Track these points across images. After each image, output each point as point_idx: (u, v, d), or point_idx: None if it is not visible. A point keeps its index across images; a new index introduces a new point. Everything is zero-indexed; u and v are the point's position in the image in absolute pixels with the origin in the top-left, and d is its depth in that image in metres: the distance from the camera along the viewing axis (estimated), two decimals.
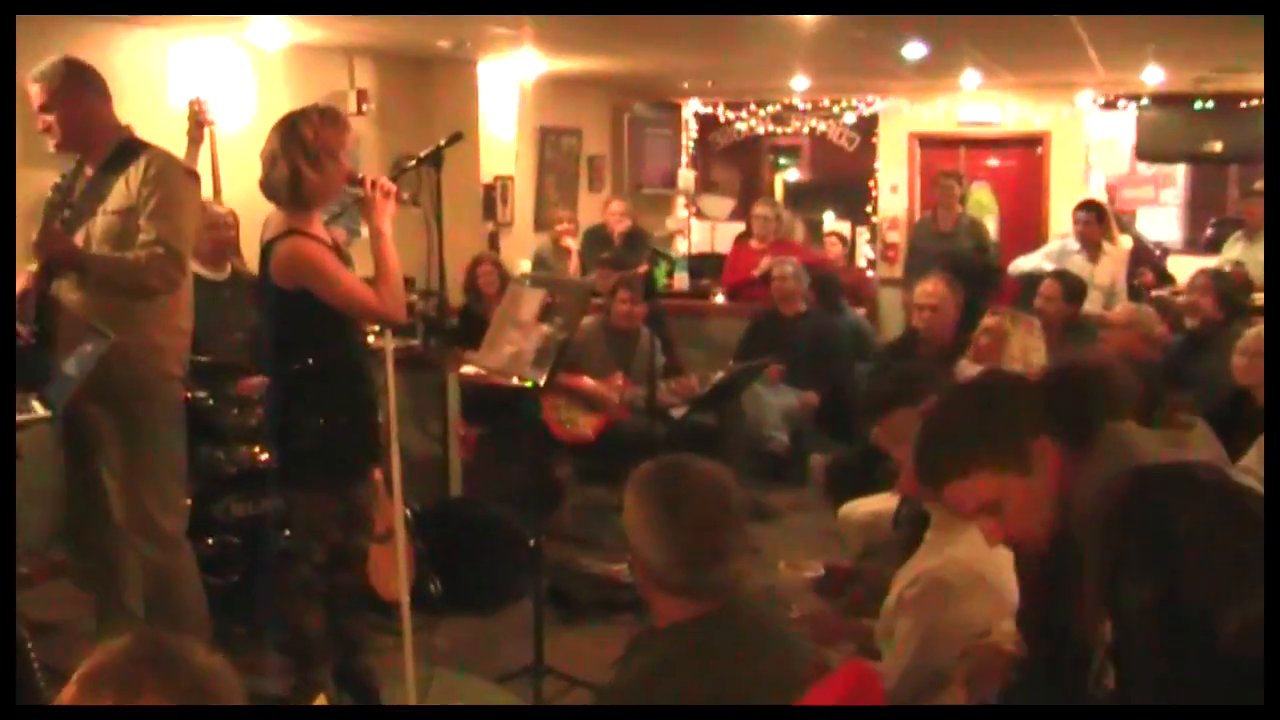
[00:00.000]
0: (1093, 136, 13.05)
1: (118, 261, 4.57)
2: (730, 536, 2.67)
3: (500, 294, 7.12)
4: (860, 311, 10.19)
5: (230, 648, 5.26)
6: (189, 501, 5.17)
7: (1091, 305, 8.09)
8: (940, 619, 3.37)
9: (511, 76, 10.66)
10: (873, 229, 13.72)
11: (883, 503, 5.38)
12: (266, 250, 4.47)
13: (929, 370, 5.13)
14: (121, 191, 4.65)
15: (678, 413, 7.72)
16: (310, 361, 4.52)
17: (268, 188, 4.49)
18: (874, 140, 13.82)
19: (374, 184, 4.58)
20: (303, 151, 4.40)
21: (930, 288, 7.01)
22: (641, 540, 2.69)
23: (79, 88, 4.69)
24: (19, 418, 4.52)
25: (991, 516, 2.66)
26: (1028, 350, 5.99)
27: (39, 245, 4.56)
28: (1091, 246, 9.10)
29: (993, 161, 13.78)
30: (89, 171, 4.75)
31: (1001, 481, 2.61)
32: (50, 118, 4.67)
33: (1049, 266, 8.97)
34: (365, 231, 4.78)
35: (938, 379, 4.75)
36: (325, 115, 4.53)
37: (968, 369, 5.63)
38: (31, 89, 4.68)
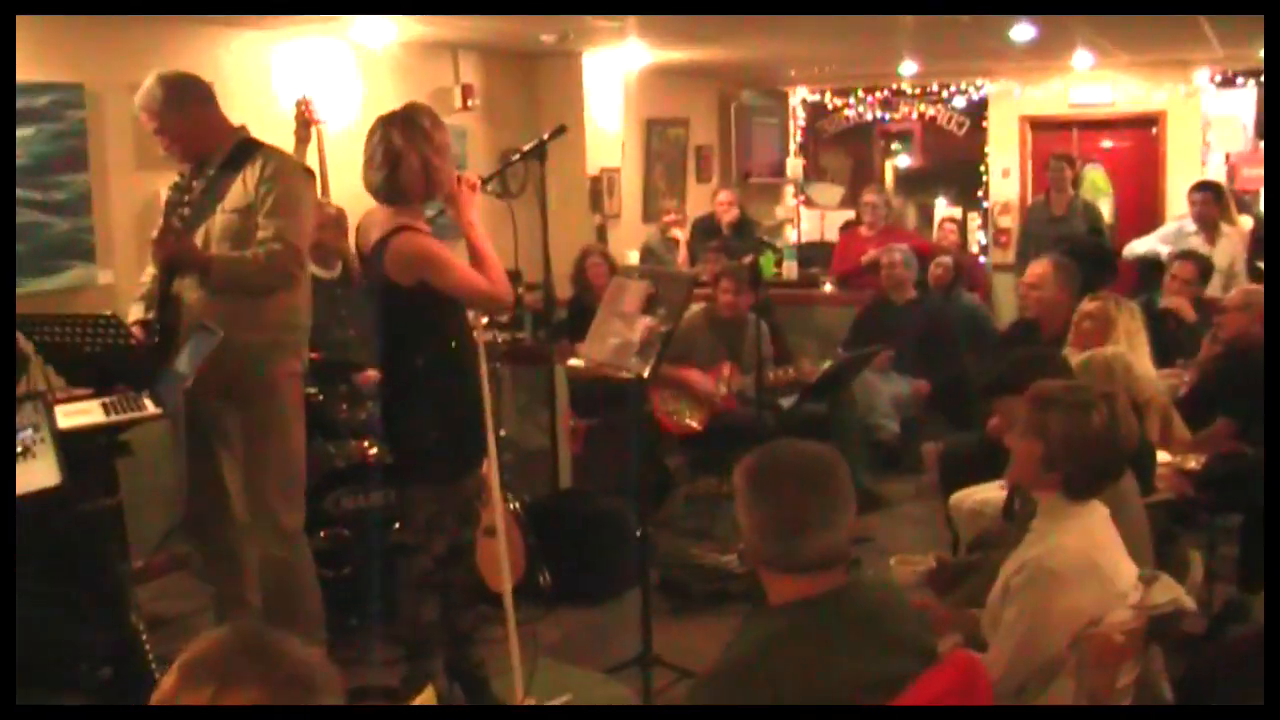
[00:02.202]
0: (1210, 114, 12.74)
1: (237, 259, 4.64)
2: (820, 508, 2.68)
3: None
4: (974, 297, 10.06)
5: (343, 639, 5.36)
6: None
7: (1210, 288, 7.92)
8: (1048, 608, 3.32)
9: (617, 68, 10.65)
10: (985, 214, 13.55)
11: (994, 491, 5.32)
12: (378, 249, 4.49)
13: (1040, 356, 5.08)
14: (239, 190, 4.71)
15: (787, 402, 7.69)
16: (428, 356, 4.55)
17: (391, 187, 4.49)
18: (984, 124, 13.63)
19: (458, 179, 4.60)
20: (429, 144, 4.45)
21: (1036, 269, 6.90)
22: (741, 517, 2.76)
23: (181, 102, 4.75)
24: (133, 415, 4.62)
25: None
26: (1131, 335, 5.86)
27: (159, 244, 4.62)
28: (1209, 227, 8.89)
29: (1106, 143, 13.53)
30: (208, 170, 4.81)
31: None
32: (164, 138, 4.75)
33: (1165, 249, 8.81)
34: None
35: (1050, 365, 4.70)
36: (432, 111, 4.60)
37: (1073, 355, 5.53)
38: (139, 115, 4.76)
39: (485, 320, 4.89)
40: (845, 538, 2.71)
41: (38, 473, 3.54)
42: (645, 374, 4.80)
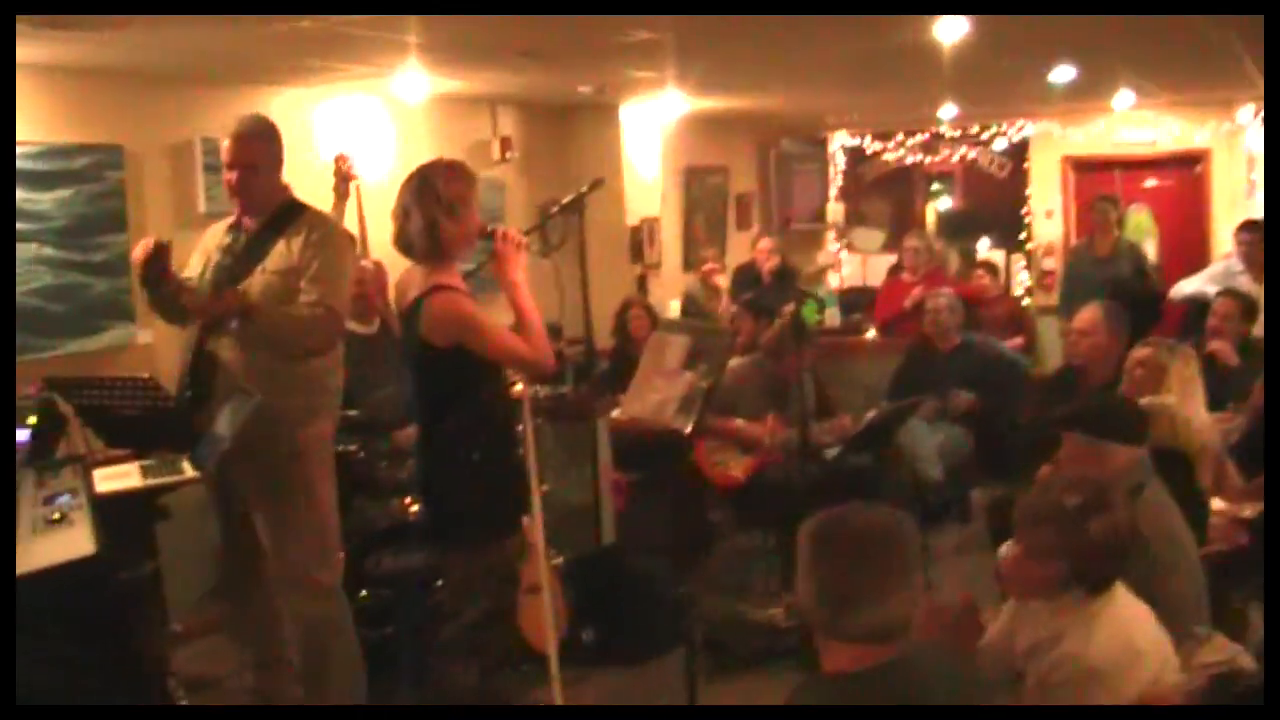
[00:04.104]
0: (1255, 151, 12.61)
1: (283, 315, 4.61)
2: (875, 580, 2.62)
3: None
4: (1017, 341, 9.95)
5: (385, 701, 5.30)
6: (342, 555, 5.20)
7: (1258, 328, 7.78)
8: (1094, 702, 3.21)
9: (655, 118, 10.64)
10: (1028, 256, 13.45)
11: None
12: (414, 309, 4.44)
13: (1119, 402, 4.99)
14: (282, 252, 4.69)
15: (831, 454, 7.59)
16: (464, 419, 4.47)
17: (403, 242, 4.45)
18: (1026, 166, 13.56)
19: (504, 235, 4.54)
20: (437, 203, 4.39)
21: (1087, 316, 6.78)
22: (798, 579, 2.72)
23: (273, 150, 4.81)
24: (172, 478, 4.59)
25: None
26: (1186, 382, 5.72)
27: (209, 305, 4.60)
28: (1256, 267, 8.75)
29: (1150, 182, 13.42)
30: (249, 226, 4.79)
31: None
32: (235, 175, 4.73)
33: (1213, 290, 8.67)
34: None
35: (1127, 411, 4.59)
36: (454, 168, 4.52)
37: None
38: (227, 143, 4.75)
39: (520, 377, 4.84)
40: (904, 610, 2.64)
41: (74, 541, 3.50)
42: (687, 430, 4.73)
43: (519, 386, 4.86)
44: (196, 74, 6.96)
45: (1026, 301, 12.85)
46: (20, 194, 6.10)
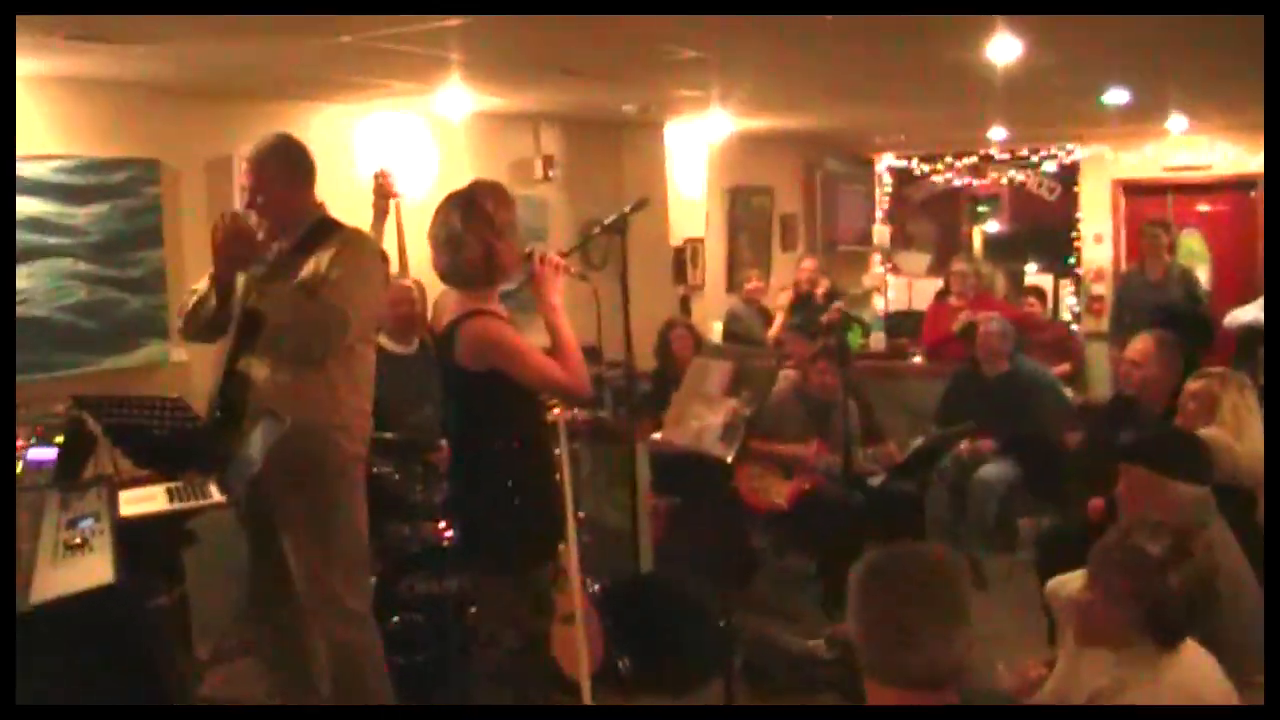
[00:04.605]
0: None
1: (291, 300, 4.48)
2: (927, 621, 2.51)
3: (695, 356, 6.98)
4: (1064, 368, 9.79)
5: None
6: (373, 579, 5.10)
7: None
8: None
9: (700, 137, 10.54)
10: (1076, 281, 13.27)
11: None
12: (449, 333, 4.34)
13: (1184, 437, 4.84)
14: (311, 269, 4.59)
15: (876, 481, 7.46)
16: (499, 444, 4.36)
17: (454, 271, 4.34)
18: (1076, 189, 13.38)
19: (542, 258, 4.43)
20: (490, 228, 4.28)
21: (1140, 346, 6.61)
22: (849, 619, 2.62)
23: (295, 170, 4.67)
24: (198, 503, 4.50)
25: None
26: (1241, 413, 5.55)
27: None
28: None
29: (1203, 207, 13.21)
30: (283, 245, 4.70)
31: None
32: (250, 197, 4.63)
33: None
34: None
35: (1192, 447, 4.44)
36: (498, 189, 4.41)
37: None
38: (242, 166, 4.65)
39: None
40: (955, 656, 2.52)
41: (93, 569, 3.40)
42: (728, 459, 4.60)
43: (557, 410, 4.75)
44: (235, 89, 6.91)
45: (1075, 327, 12.66)
46: (55, 208, 6.07)
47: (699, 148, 10.67)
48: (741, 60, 6.84)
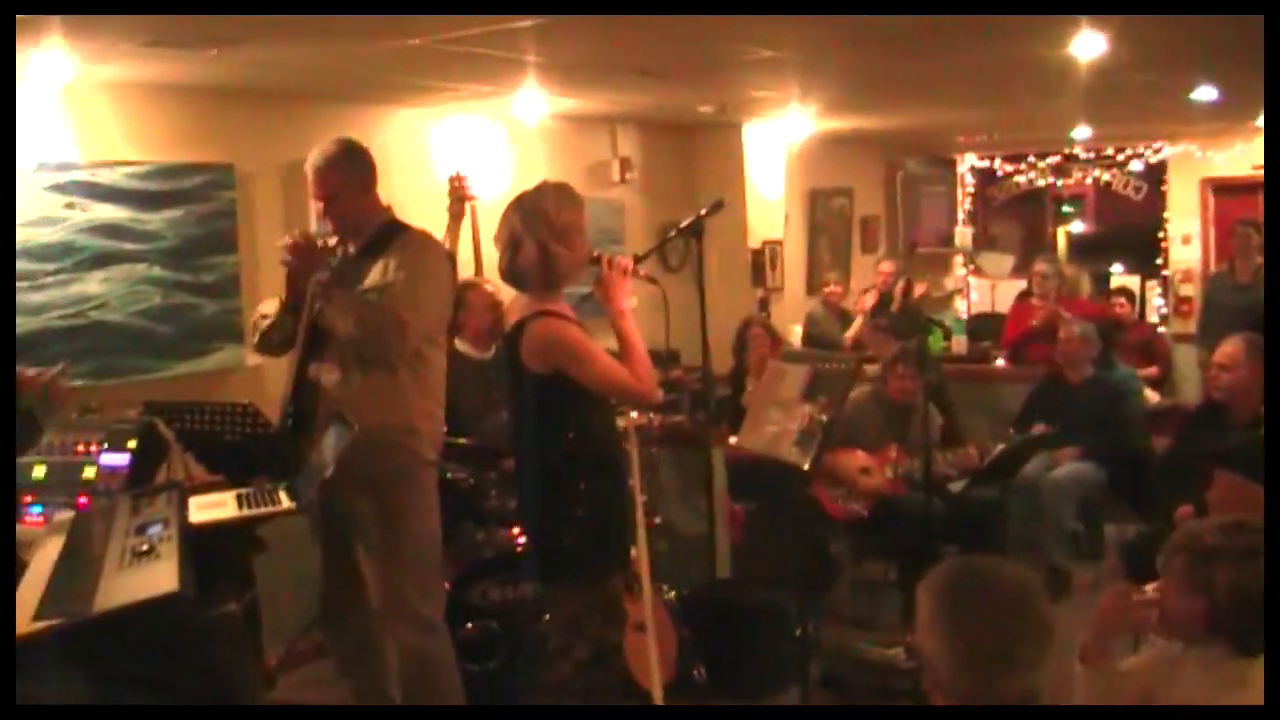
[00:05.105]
0: None
1: (354, 302, 4.46)
2: (1024, 647, 2.40)
3: (773, 355, 6.89)
4: (1150, 371, 9.60)
5: None
6: (446, 586, 5.06)
7: None
8: None
9: (778, 138, 10.45)
10: (1164, 282, 13.04)
11: None
12: (515, 333, 4.28)
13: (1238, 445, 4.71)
14: (379, 272, 4.57)
15: (956, 487, 7.33)
16: (565, 451, 4.28)
17: (512, 272, 4.29)
18: (1163, 188, 13.16)
19: (610, 261, 4.36)
20: (549, 231, 4.21)
21: (1229, 349, 6.42)
22: (926, 641, 2.49)
23: (359, 174, 4.65)
24: (267, 510, 4.47)
25: None
26: None
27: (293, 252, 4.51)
28: None
29: None
30: (350, 250, 4.67)
31: None
32: (322, 206, 4.61)
33: None
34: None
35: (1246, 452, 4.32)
36: (562, 192, 4.33)
37: None
38: (309, 174, 4.63)
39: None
40: (1039, 681, 2.42)
41: (158, 576, 3.36)
42: (805, 466, 4.51)
43: (634, 414, 4.67)
44: (310, 92, 6.91)
45: (1162, 329, 12.43)
46: (130, 214, 6.10)
47: (777, 149, 10.58)
48: (821, 60, 6.76)
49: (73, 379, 4.99)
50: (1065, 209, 14.08)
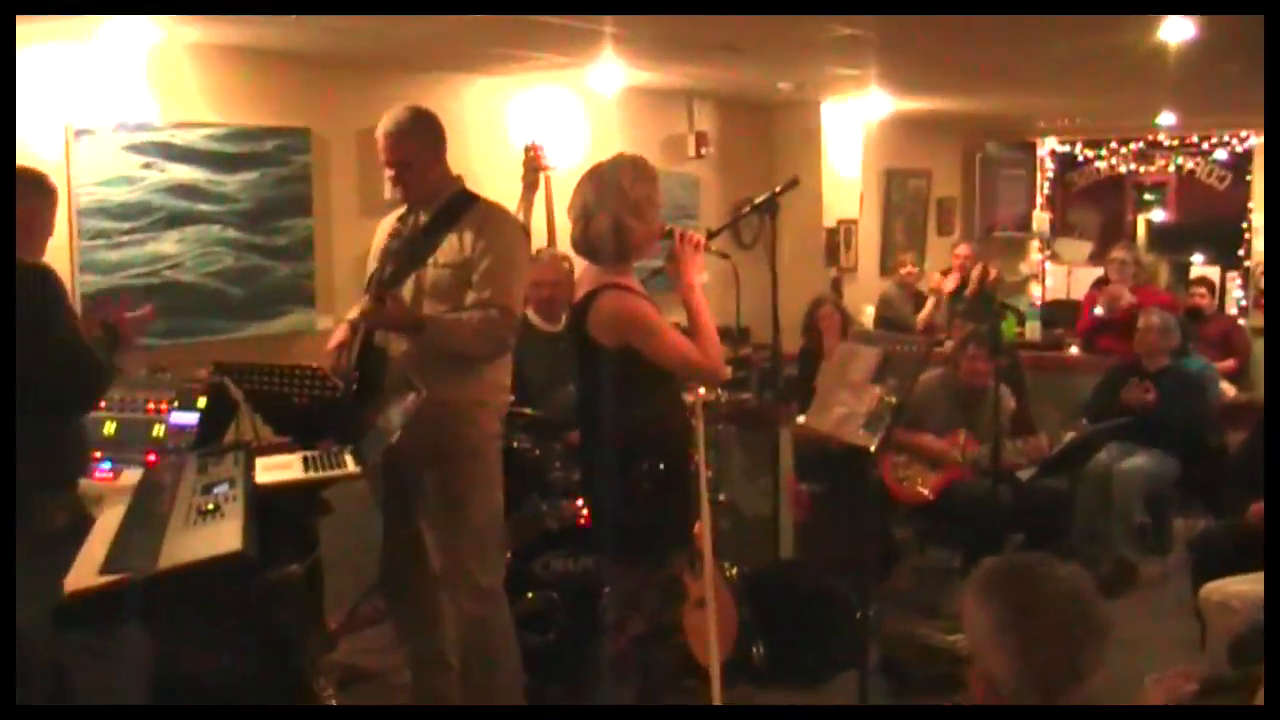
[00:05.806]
0: None
1: (453, 322, 4.47)
2: (1088, 654, 2.34)
3: (843, 335, 6.83)
4: (1229, 364, 9.45)
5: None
6: (509, 555, 5.06)
7: None
8: None
9: (856, 117, 10.37)
10: (1245, 273, 12.83)
11: (1248, 585, 4.85)
12: (582, 306, 4.26)
13: None
14: (454, 245, 4.55)
15: (1025, 475, 7.25)
16: (630, 427, 4.25)
17: (585, 244, 4.26)
18: (1248, 178, 12.94)
19: (682, 236, 4.33)
20: (623, 204, 4.19)
21: None
22: (988, 650, 2.39)
23: (429, 139, 4.63)
24: (333, 473, 4.49)
25: None
26: None
27: (373, 315, 4.49)
28: None
29: None
30: (421, 218, 4.67)
31: None
32: (397, 170, 4.60)
33: None
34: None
35: None
36: (638, 165, 4.30)
37: None
38: (380, 140, 4.61)
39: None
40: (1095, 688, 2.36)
41: (222, 536, 3.39)
42: (872, 448, 4.46)
43: (701, 391, 4.64)
44: (387, 59, 6.91)
45: (1241, 322, 12.24)
46: (205, 175, 6.12)
47: (855, 128, 10.50)
48: (901, 39, 6.69)
49: (147, 337, 5.05)
50: (1146, 196, 13.89)
